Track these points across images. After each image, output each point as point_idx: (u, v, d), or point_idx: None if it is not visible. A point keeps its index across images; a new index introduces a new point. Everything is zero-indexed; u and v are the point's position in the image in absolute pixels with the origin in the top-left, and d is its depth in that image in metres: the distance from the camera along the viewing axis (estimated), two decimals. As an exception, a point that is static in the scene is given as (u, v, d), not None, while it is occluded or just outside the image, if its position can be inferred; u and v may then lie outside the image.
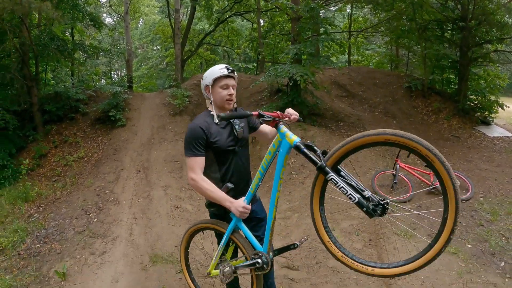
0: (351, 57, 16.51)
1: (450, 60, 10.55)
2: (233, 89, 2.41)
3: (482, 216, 4.66)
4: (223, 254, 2.54)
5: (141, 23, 27.33)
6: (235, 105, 2.49)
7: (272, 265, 2.34)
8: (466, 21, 9.45)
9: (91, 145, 7.99)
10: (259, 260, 2.28)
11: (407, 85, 11.17)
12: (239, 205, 2.27)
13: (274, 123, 2.11)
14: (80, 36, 12.66)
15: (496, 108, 10.23)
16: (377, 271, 1.83)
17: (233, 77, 2.40)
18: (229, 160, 2.44)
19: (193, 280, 2.85)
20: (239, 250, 2.48)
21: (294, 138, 2.01)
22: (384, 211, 1.76)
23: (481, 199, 5.28)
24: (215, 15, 15.24)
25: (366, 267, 1.86)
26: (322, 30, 8.08)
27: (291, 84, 8.53)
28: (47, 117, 8.76)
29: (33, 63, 8.96)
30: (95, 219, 5.11)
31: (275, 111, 2.18)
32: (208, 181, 2.35)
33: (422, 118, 10.06)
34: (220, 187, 2.35)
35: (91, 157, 7.51)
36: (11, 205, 5.79)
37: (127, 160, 7.08)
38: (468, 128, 9.56)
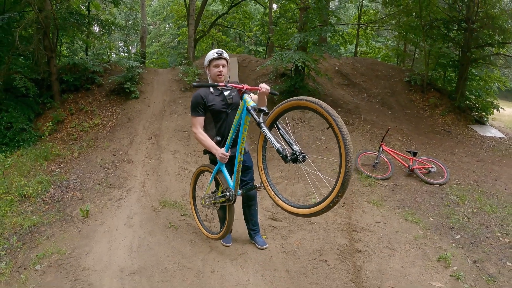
0: (358, 48, 16.95)
1: (451, 59, 11.04)
2: (223, 67, 3.24)
3: (451, 199, 5.29)
4: (215, 191, 3.60)
5: (155, 0, 27.73)
6: (229, 79, 3.18)
7: (235, 200, 3.22)
8: (469, 23, 9.92)
9: (106, 114, 8.69)
10: (228, 193, 3.22)
11: (407, 79, 11.71)
12: (220, 151, 3.16)
13: (241, 93, 2.86)
14: (96, 10, 13.25)
15: (492, 109, 10.78)
16: (282, 204, 2.52)
17: (223, 58, 3.24)
18: (222, 119, 3.36)
19: (196, 212, 3.95)
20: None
21: (250, 104, 2.72)
22: (295, 161, 2.33)
23: (455, 185, 5.90)
24: (229, -3, 15.70)
25: (279, 199, 2.56)
26: (329, 21, 8.64)
27: (294, 69, 9.14)
28: (64, 87, 9.46)
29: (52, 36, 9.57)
30: (112, 174, 5.78)
31: (244, 84, 2.89)
32: (204, 134, 3.31)
33: (417, 112, 10.63)
34: (215, 139, 3.28)
35: (105, 125, 8.22)
36: (33, 163, 6.43)
37: (140, 128, 7.78)
38: (461, 125, 10.14)
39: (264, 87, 3.00)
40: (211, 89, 3.29)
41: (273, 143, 2.40)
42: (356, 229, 4.02)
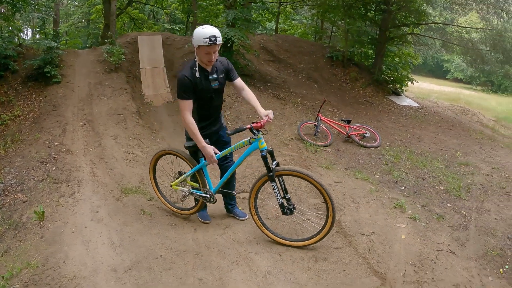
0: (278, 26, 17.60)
1: (370, 37, 12.19)
2: (214, 53, 3.08)
3: (387, 159, 6.11)
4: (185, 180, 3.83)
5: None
6: (216, 60, 3.26)
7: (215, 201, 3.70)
8: (388, 4, 11.07)
9: (26, 103, 7.90)
10: (208, 196, 3.59)
11: (329, 55, 12.65)
12: (211, 153, 3.27)
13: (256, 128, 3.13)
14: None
15: (406, 82, 12.27)
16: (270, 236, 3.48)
17: (216, 45, 3.01)
18: (207, 102, 3.37)
19: (157, 187, 4.18)
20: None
21: (264, 146, 3.14)
22: (291, 213, 3.31)
23: (387, 147, 6.79)
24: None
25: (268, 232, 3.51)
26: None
27: (223, 45, 9.23)
28: (-30, 77, 8.30)
29: None
30: (54, 168, 5.35)
31: (259, 122, 3.13)
32: (194, 123, 3.24)
33: (340, 85, 11.62)
34: (197, 120, 3.32)
35: (27, 115, 7.49)
36: None
37: (69, 115, 7.26)
38: (380, 96, 11.38)
39: (270, 117, 3.22)
40: (197, 72, 3.17)
41: (278, 197, 3.23)
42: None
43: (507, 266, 3.28)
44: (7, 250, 3.52)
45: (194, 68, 3.19)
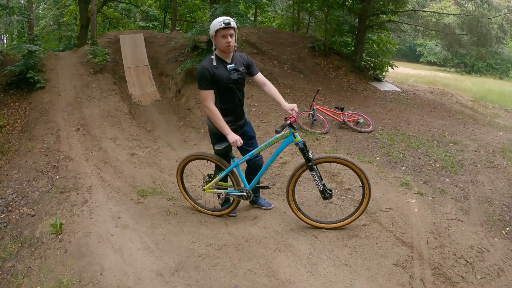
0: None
1: (349, 26, 12.61)
2: (231, 37, 3.19)
3: (383, 142, 6.47)
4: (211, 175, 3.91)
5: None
6: (235, 48, 3.37)
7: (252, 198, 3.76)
8: None
9: (10, 112, 7.73)
10: (245, 194, 3.66)
11: (311, 45, 12.99)
12: (236, 137, 3.35)
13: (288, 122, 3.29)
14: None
15: (387, 67, 12.77)
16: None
17: (231, 28, 3.16)
18: (228, 93, 3.42)
19: (193, 201, 4.19)
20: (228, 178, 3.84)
21: (299, 139, 3.29)
22: (330, 197, 3.52)
23: (380, 131, 7.16)
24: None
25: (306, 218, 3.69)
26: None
27: (208, 40, 9.31)
28: None
29: None
30: (57, 177, 5.13)
31: (292, 116, 3.33)
32: (218, 111, 3.34)
33: (324, 74, 11.99)
34: (224, 115, 3.38)
35: (14, 124, 7.34)
36: None
37: (60, 121, 7.17)
38: (363, 83, 11.84)
39: (296, 110, 3.40)
40: (214, 62, 3.27)
41: (318, 185, 3.44)
42: (334, 174, 4.76)
43: (507, 229, 3.72)
44: (27, 271, 3.21)
45: (212, 57, 3.30)
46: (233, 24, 3.18)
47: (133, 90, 9.67)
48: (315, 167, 3.36)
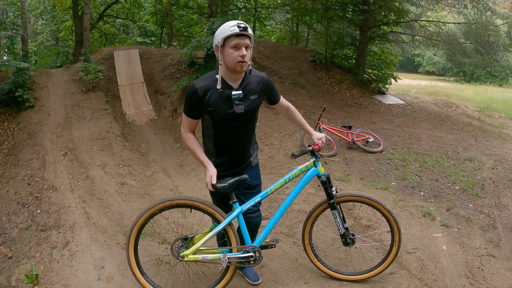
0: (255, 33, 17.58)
1: (350, 38, 12.34)
2: (246, 49, 2.26)
3: (397, 163, 6.05)
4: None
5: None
6: (250, 67, 2.44)
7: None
8: (368, 5, 11.23)
9: (-2, 132, 7.36)
10: (253, 254, 2.61)
11: (312, 59, 12.65)
12: (211, 173, 2.48)
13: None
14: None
15: (390, 80, 12.44)
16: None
17: (247, 36, 2.25)
18: (225, 130, 2.48)
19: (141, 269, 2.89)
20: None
21: (323, 170, 2.78)
22: (352, 243, 2.92)
23: (391, 151, 6.75)
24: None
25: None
26: (242, 5, 8.74)
27: (205, 56, 8.95)
28: None
29: None
30: (38, 211, 4.66)
31: (317, 143, 2.77)
32: (193, 141, 2.52)
33: (327, 88, 11.62)
34: (213, 153, 2.60)
35: (1, 146, 6.93)
36: None
37: (47, 143, 6.74)
38: (367, 96, 11.48)
39: (323, 141, 2.81)
40: (219, 84, 2.33)
41: (340, 227, 2.86)
42: (350, 207, 4.31)
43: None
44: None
45: (217, 76, 2.35)
46: (250, 31, 2.25)
47: (128, 109, 9.29)
48: (338, 206, 2.83)
